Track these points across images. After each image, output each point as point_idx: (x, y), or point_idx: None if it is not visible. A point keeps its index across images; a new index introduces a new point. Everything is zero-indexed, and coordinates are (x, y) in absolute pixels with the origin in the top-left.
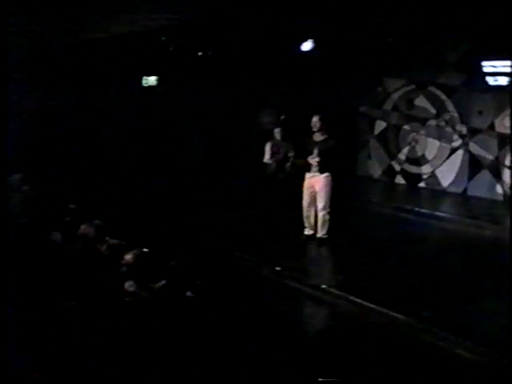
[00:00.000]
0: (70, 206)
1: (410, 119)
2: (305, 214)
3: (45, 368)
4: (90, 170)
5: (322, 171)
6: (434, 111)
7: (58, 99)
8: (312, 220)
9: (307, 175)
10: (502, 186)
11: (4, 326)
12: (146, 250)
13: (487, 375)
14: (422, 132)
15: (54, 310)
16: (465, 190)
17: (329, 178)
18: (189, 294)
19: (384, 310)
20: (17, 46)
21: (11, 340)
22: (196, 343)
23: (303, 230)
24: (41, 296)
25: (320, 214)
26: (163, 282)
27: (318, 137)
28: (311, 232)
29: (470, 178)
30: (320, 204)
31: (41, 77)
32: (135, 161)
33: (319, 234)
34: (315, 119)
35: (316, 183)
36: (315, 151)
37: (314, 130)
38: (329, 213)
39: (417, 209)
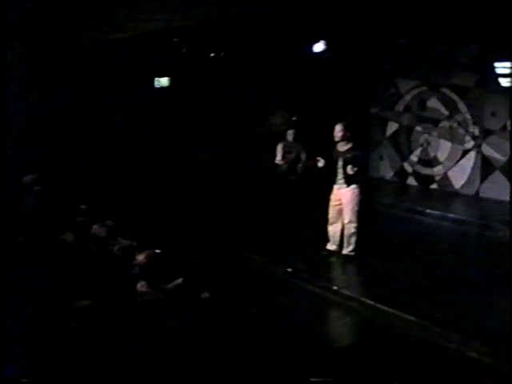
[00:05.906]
0: (82, 206)
1: (422, 120)
2: (330, 228)
3: (56, 368)
4: (102, 171)
5: (348, 183)
6: (446, 112)
7: (70, 100)
8: (338, 236)
9: (334, 187)
10: None
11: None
12: (157, 250)
13: None
14: (435, 133)
15: (65, 309)
16: (477, 192)
17: (356, 191)
18: (204, 294)
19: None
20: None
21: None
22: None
23: (325, 245)
24: (53, 296)
25: (346, 228)
26: (178, 281)
27: (341, 147)
28: (334, 247)
29: (483, 179)
30: (346, 218)
31: (51, 78)
32: (147, 162)
33: (345, 251)
34: (339, 128)
35: (343, 196)
36: (340, 162)
37: (337, 139)
38: (356, 227)
39: (429, 210)
